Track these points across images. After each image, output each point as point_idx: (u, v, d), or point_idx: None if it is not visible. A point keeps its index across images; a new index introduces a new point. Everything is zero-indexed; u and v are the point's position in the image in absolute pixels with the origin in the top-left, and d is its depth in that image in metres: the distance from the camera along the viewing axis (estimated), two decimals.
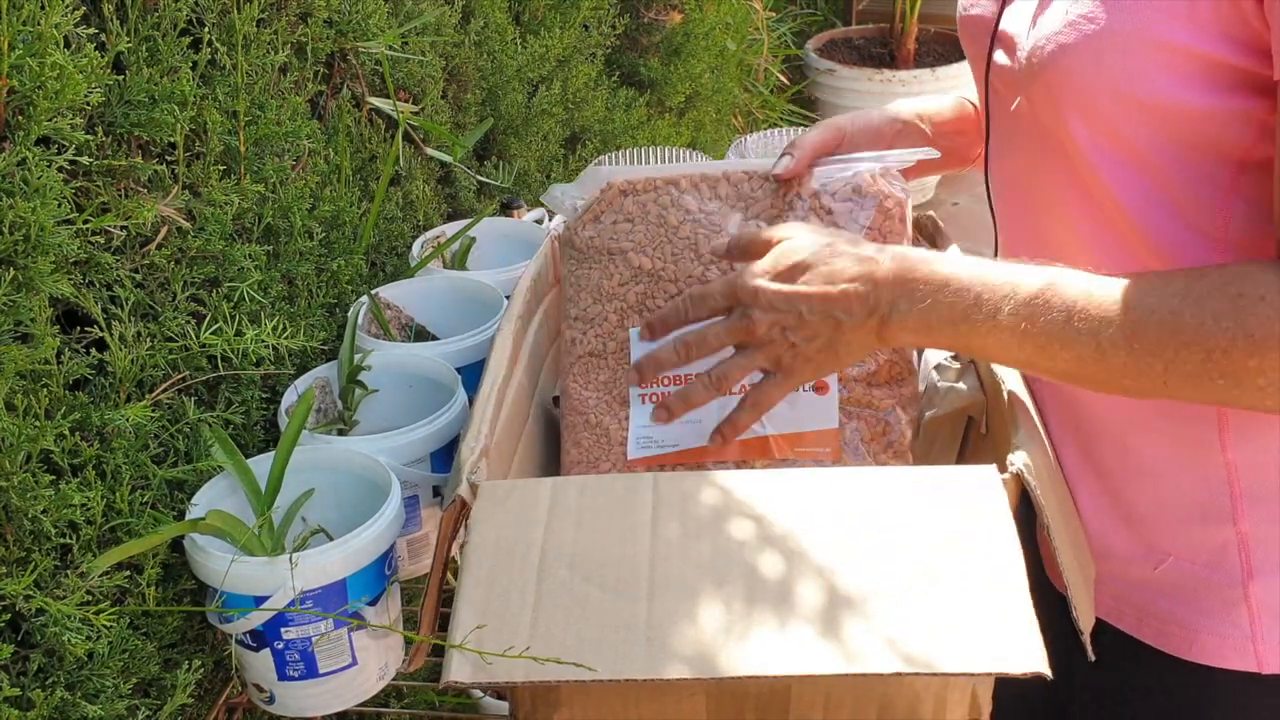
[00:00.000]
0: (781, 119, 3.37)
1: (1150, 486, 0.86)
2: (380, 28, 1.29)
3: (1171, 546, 0.86)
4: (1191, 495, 0.84)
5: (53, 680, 0.81)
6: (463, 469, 0.79)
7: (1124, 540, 0.88)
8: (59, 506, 0.79)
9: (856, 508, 0.74)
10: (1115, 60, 0.74)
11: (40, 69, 0.76)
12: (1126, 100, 0.74)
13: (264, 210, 1.07)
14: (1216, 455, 0.82)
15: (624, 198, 0.97)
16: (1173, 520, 0.86)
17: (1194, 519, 0.84)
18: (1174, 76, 0.72)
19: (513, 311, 0.98)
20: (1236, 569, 0.84)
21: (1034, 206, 0.87)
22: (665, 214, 0.96)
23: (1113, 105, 0.75)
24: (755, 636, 0.67)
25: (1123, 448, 0.86)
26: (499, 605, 0.69)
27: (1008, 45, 0.84)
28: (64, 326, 0.87)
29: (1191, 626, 0.86)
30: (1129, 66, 0.73)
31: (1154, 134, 0.75)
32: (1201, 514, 0.84)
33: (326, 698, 0.90)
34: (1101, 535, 0.89)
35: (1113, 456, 0.87)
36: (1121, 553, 0.89)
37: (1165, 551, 0.86)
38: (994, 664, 0.65)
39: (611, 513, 0.75)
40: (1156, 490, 0.86)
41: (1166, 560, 0.86)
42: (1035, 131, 0.82)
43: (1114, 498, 0.88)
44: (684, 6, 2.30)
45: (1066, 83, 0.77)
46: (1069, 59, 0.76)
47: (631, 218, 0.96)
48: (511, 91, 1.67)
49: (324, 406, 1.07)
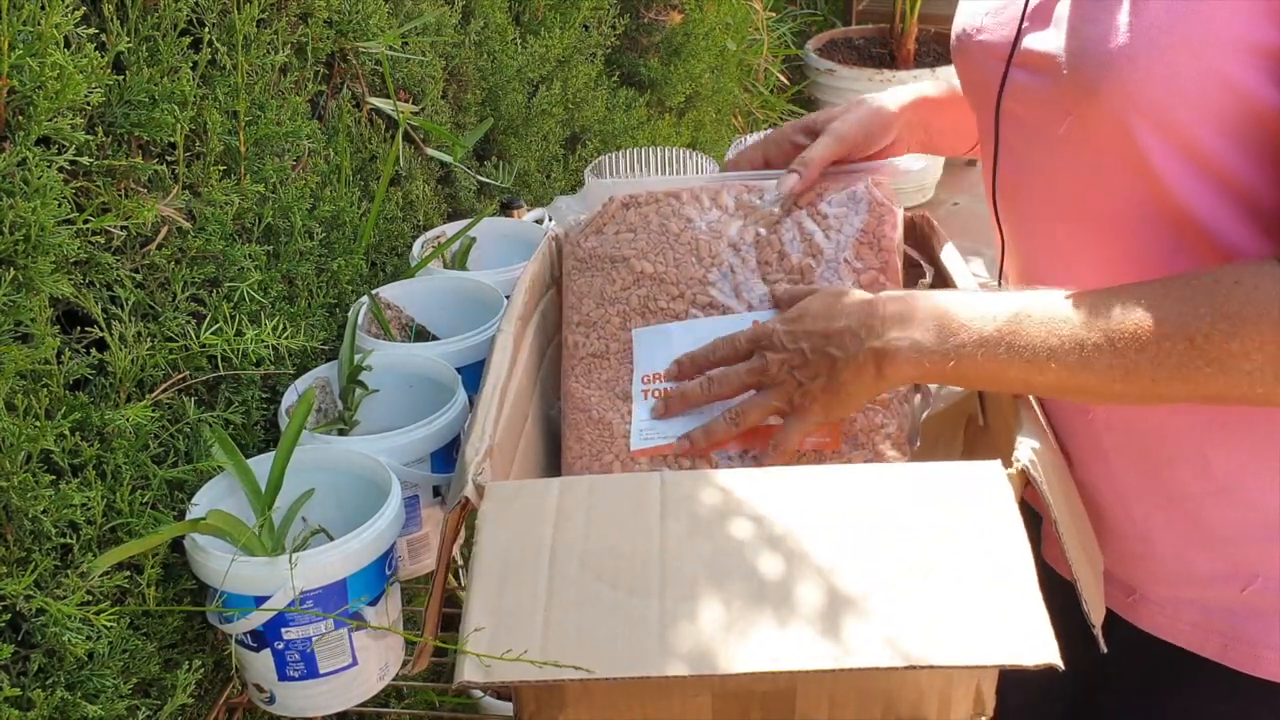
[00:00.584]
0: (781, 119, 3.37)
1: (1231, 506, 0.83)
2: (380, 28, 1.29)
3: (1260, 567, 0.83)
4: (1275, 513, 0.82)
5: (53, 680, 0.80)
6: (468, 470, 0.79)
7: (1206, 562, 0.85)
8: (59, 506, 0.79)
9: (864, 505, 0.74)
10: (1191, 65, 0.71)
11: (40, 69, 0.76)
12: (1204, 106, 0.72)
13: (264, 210, 1.07)
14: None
15: (626, 210, 1.01)
16: (1257, 540, 0.83)
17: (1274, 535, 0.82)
18: (1253, 75, 0.70)
19: (513, 312, 0.98)
20: None
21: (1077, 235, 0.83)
22: (667, 223, 1.00)
23: (1190, 113, 0.73)
24: (768, 633, 0.67)
25: (1202, 468, 0.83)
26: (511, 604, 0.69)
27: (1040, 65, 0.81)
28: (64, 326, 0.87)
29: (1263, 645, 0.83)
30: (1206, 71, 0.71)
31: (1229, 139, 0.73)
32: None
33: (327, 698, 0.90)
34: (1180, 558, 0.86)
35: (1191, 478, 0.84)
36: (1204, 575, 0.86)
37: (1253, 573, 0.84)
38: (1003, 656, 0.65)
39: (620, 511, 0.75)
40: (1238, 509, 0.83)
41: (1254, 582, 0.84)
42: (1091, 151, 0.79)
43: (1193, 520, 0.85)
44: (684, 6, 2.30)
45: (1138, 94, 0.74)
46: (1139, 69, 0.73)
47: (634, 228, 1.00)
48: (511, 91, 1.67)
49: (324, 406, 1.07)
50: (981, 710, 0.73)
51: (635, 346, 0.97)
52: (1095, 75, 0.76)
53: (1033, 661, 0.64)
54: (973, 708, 0.72)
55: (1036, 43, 0.82)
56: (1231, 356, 0.69)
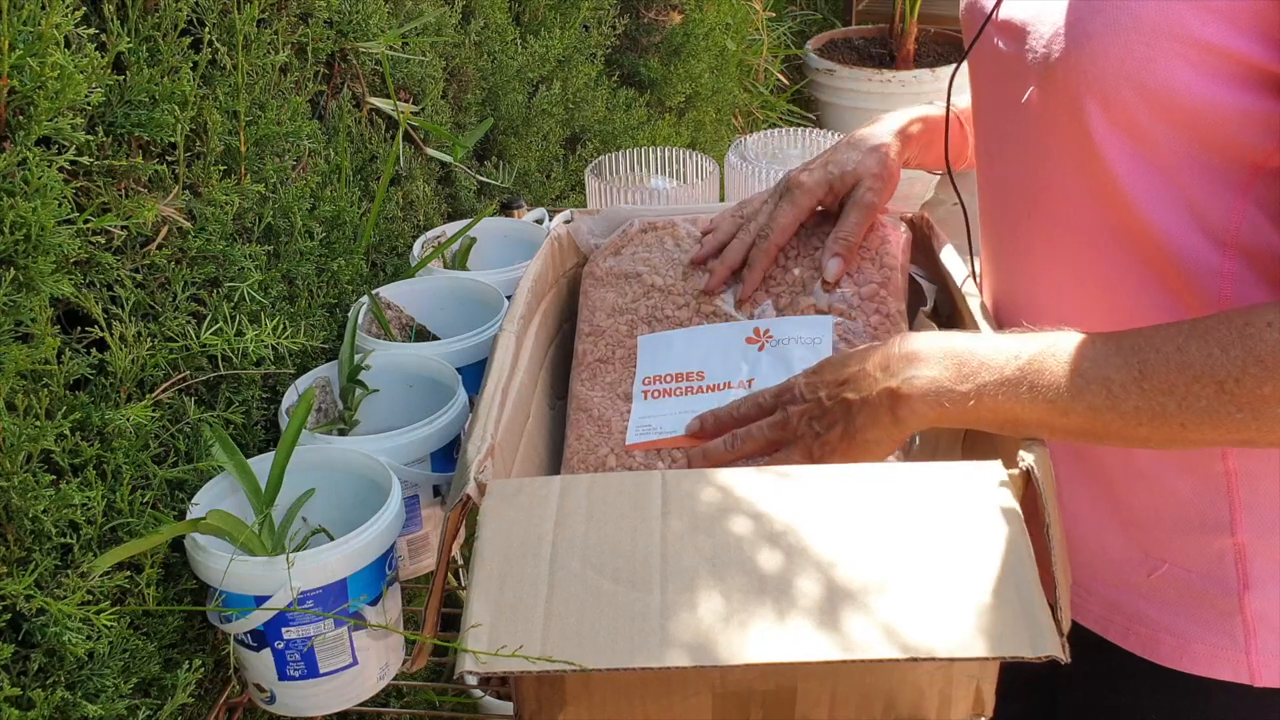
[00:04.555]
0: (781, 119, 3.37)
1: (1150, 491, 0.85)
2: (381, 28, 1.29)
3: (1167, 553, 0.85)
4: (1190, 502, 0.83)
5: (53, 680, 0.80)
6: (469, 467, 0.79)
7: (1120, 546, 0.87)
8: (59, 506, 0.79)
9: (865, 504, 0.74)
10: (1142, 51, 0.72)
11: (41, 69, 0.76)
12: (1150, 93, 0.73)
13: (264, 210, 1.07)
14: (1217, 463, 0.81)
15: (644, 235, 1.08)
16: (1170, 527, 0.84)
17: (1192, 527, 0.83)
18: (1201, 73, 0.71)
19: (514, 312, 0.99)
20: (1233, 580, 0.83)
21: (1030, 203, 0.85)
22: (680, 243, 1.06)
23: (1135, 96, 0.73)
24: (769, 626, 0.67)
25: (1125, 451, 0.85)
26: (512, 597, 0.69)
27: (1012, 34, 0.83)
28: (64, 326, 0.87)
29: (1184, 636, 0.85)
30: (1156, 59, 0.72)
31: (1173, 130, 0.74)
32: (1200, 522, 0.83)
33: (327, 697, 0.90)
34: (1098, 540, 0.88)
35: (1114, 460, 0.86)
36: (1116, 558, 0.88)
37: (1161, 558, 0.85)
38: (1006, 649, 0.65)
39: (621, 508, 0.75)
40: (1155, 495, 0.85)
41: (1162, 567, 0.85)
42: (1045, 124, 0.81)
43: (1114, 503, 0.87)
44: (684, 6, 2.30)
45: (1089, 71, 0.75)
46: (1094, 46, 0.74)
47: (650, 247, 1.07)
48: (511, 91, 1.67)
49: (324, 406, 1.07)
50: (981, 710, 0.73)
51: (639, 350, 0.99)
52: (1060, 47, 0.77)
53: (1035, 654, 0.64)
54: (972, 708, 0.73)
55: (1013, 10, 0.83)
56: (1264, 402, 0.68)
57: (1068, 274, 0.84)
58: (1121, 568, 0.87)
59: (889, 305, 0.96)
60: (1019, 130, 0.84)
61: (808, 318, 0.96)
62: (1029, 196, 0.86)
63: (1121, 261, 0.80)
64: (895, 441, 0.81)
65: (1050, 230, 0.84)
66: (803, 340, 0.95)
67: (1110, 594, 0.88)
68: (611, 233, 1.12)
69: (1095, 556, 0.88)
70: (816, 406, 0.82)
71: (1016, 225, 0.88)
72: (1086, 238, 0.81)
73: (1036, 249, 0.86)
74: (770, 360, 0.94)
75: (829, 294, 0.97)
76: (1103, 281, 0.82)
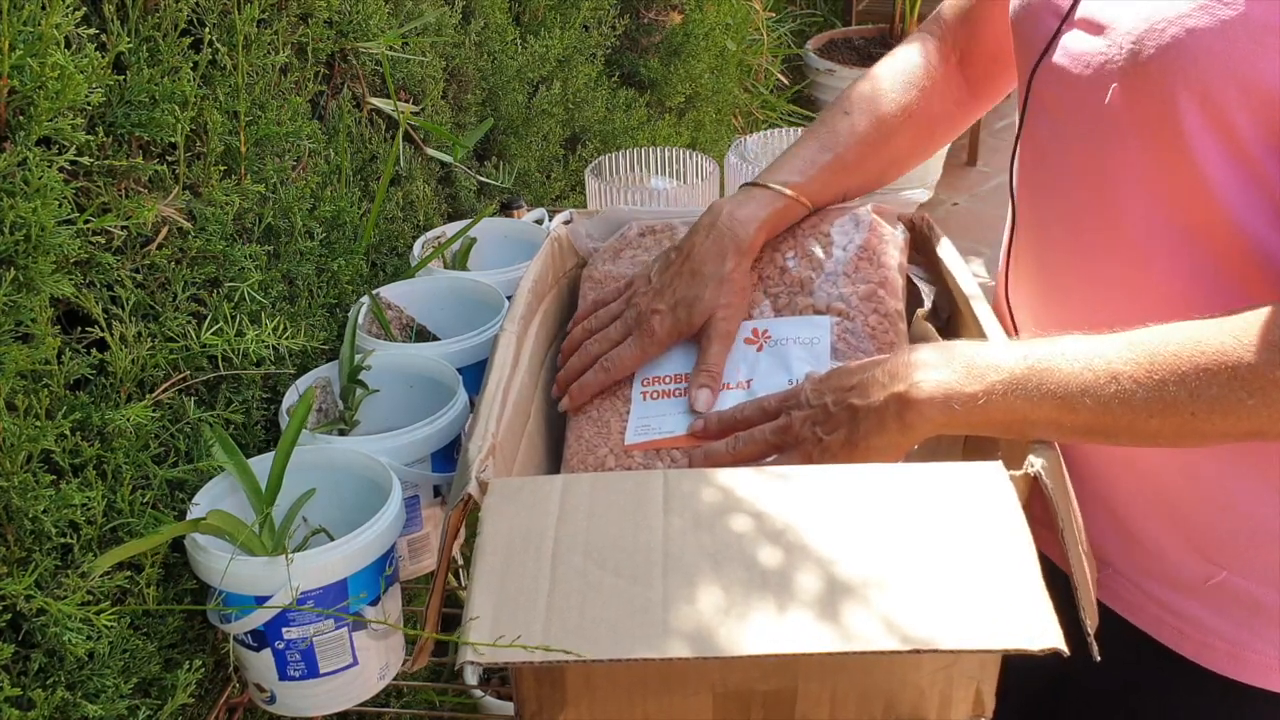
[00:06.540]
0: (781, 119, 3.37)
1: (1208, 499, 0.84)
2: (381, 28, 1.29)
3: (1226, 561, 0.84)
4: (1250, 512, 0.82)
5: (53, 680, 0.80)
6: (471, 466, 0.79)
7: (1178, 550, 0.86)
8: (59, 506, 0.79)
9: (866, 502, 0.74)
10: (1248, 48, 0.70)
11: (41, 69, 0.76)
12: (1252, 92, 0.70)
13: (264, 210, 1.07)
14: (1276, 473, 0.80)
15: (642, 238, 1.09)
16: (1229, 535, 0.84)
17: (1251, 536, 0.83)
18: None
19: (515, 312, 0.99)
20: None
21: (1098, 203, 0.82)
22: None
23: (1238, 94, 0.71)
24: (770, 619, 0.67)
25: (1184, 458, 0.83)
26: (513, 591, 0.70)
27: (1093, 30, 0.80)
28: (65, 326, 0.87)
29: (1238, 643, 0.84)
30: (1262, 57, 0.69)
31: (1268, 129, 0.71)
32: (1259, 532, 0.82)
33: (327, 697, 0.91)
34: (1155, 544, 0.87)
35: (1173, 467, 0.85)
36: (1173, 560, 0.86)
37: (1219, 566, 0.84)
38: (1008, 641, 0.65)
39: (623, 505, 0.75)
40: (1214, 504, 0.83)
41: (1219, 575, 0.84)
42: (1127, 122, 0.78)
43: (1170, 510, 0.86)
44: (684, 6, 2.30)
45: (1189, 70, 0.72)
46: (1196, 43, 0.72)
47: (649, 251, 1.08)
48: (511, 92, 1.67)
49: (325, 406, 1.07)
50: (981, 711, 0.73)
51: None
52: (1156, 42, 0.74)
53: (1038, 646, 0.64)
54: (972, 708, 0.73)
55: (1095, 8, 0.80)
56: (1276, 386, 0.67)
57: (1136, 274, 0.82)
58: (1179, 571, 0.86)
59: (887, 305, 0.96)
60: (1090, 129, 0.81)
61: (806, 318, 0.96)
62: (1099, 195, 0.82)
63: (1196, 260, 0.78)
64: (900, 449, 0.80)
65: (1117, 229, 0.82)
66: (801, 341, 0.95)
67: (1165, 596, 0.87)
68: (609, 235, 1.12)
69: (1151, 559, 0.87)
70: (821, 412, 0.82)
71: (1078, 224, 0.85)
72: (1160, 237, 0.79)
73: (1098, 248, 0.83)
74: (768, 361, 0.94)
75: (827, 294, 0.97)
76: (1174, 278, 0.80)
